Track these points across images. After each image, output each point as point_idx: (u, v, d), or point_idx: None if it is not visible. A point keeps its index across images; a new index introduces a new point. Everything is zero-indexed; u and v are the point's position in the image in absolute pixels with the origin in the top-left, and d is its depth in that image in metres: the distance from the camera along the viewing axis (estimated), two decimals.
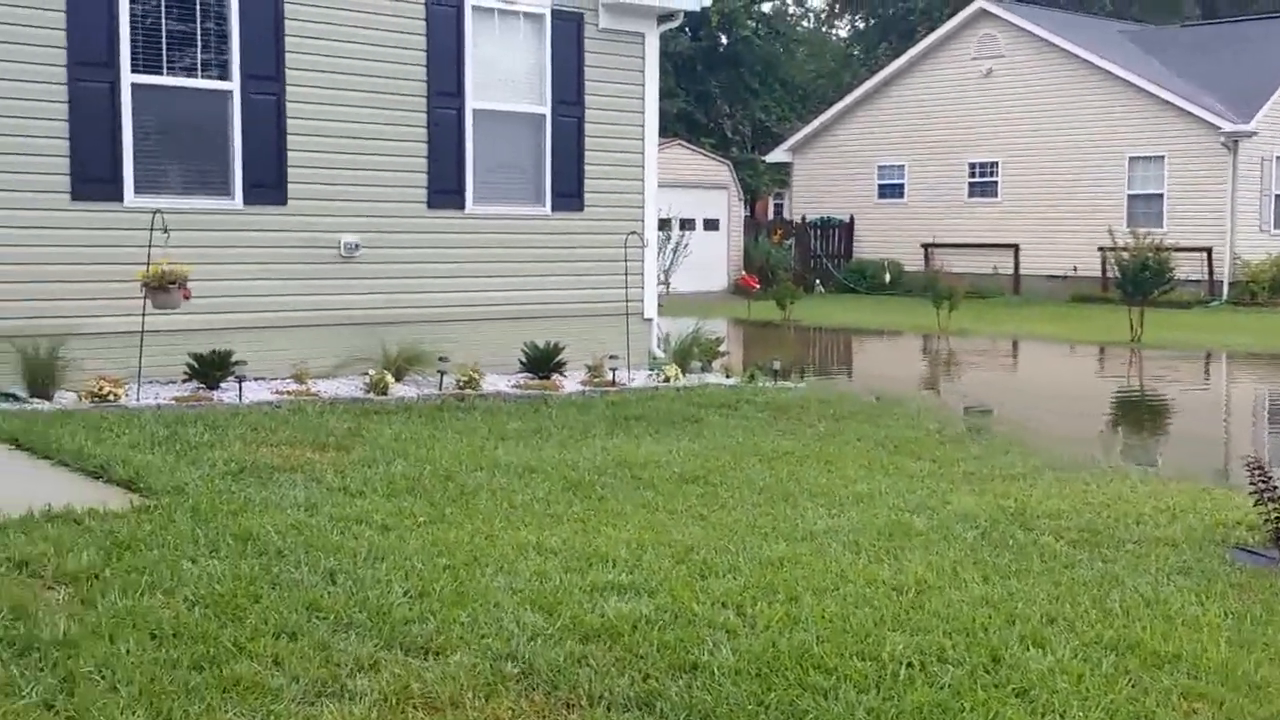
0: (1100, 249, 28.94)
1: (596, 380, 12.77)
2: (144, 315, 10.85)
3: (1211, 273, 30.13)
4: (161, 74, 11.60)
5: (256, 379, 11.53)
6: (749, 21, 46.77)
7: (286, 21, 12.17)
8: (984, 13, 33.89)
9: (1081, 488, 8.51)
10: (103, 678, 4.49)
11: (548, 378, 12.71)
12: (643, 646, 5.01)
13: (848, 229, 36.39)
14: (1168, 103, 30.50)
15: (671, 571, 6.02)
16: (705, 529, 6.97)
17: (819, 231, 36.41)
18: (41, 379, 10.50)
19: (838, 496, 7.94)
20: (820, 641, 5.10)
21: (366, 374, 11.89)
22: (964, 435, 10.90)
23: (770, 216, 45.61)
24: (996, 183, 33.66)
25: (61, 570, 5.61)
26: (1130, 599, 5.89)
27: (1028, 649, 5.15)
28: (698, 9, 15.46)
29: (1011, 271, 33.03)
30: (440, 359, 12.17)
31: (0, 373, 10.56)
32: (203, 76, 11.88)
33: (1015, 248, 32.99)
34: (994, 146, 33.53)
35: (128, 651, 4.71)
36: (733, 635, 5.16)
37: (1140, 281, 21.99)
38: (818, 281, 34.87)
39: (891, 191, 35.84)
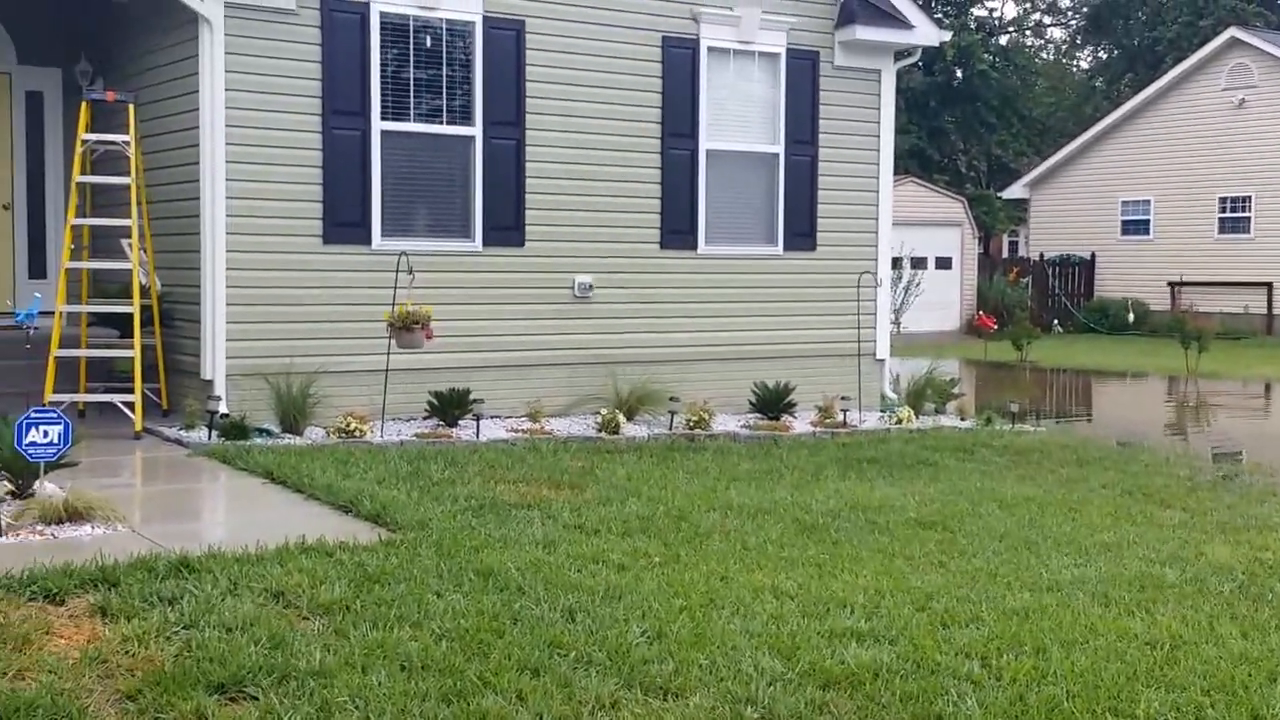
0: None
1: (827, 421, 12.66)
2: (389, 354, 11.21)
3: None
4: (408, 120, 12.01)
5: (493, 416, 11.78)
6: (986, 55, 45.87)
7: (527, 68, 12.48)
8: (1236, 41, 32.55)
9: None
10: (356, 708, 4.63)
11: (777, 418, 12.65)
12: (884, 695, 4.93)
13: (1088, 267, 35.35)
14: None
15: (911, 619, 5.92)
16: (945, 576, 6.82)
17: (1057, 269, 35.46)
18: (293, 415, 10.95)
19: (1083, 545, 7.69)
20: (1070, 697, 4.94)
21: (598, 413, 12.04)
22: (1216, 483, 10.42)
23: (1005, 254, 44.62)
24: (1249, 218, 32.22)
25: (315, 601, 5.81)
26: None
27: None
28: (936, 44, 15.22)
29: (1264, 311, 31.55)
30: (671, 398, 12.24)
31: (255, 409, 11.04)
32: (446, 123, 12.26)
33: (1269, 286, 31.51)
34: (1246, 180, 32.10)
35: (379, 683, 4.84)
36: (978, 687, 5.03)
37: None
38: (1056, 321, 33.93)
39: (1136, 228, 34.66)
